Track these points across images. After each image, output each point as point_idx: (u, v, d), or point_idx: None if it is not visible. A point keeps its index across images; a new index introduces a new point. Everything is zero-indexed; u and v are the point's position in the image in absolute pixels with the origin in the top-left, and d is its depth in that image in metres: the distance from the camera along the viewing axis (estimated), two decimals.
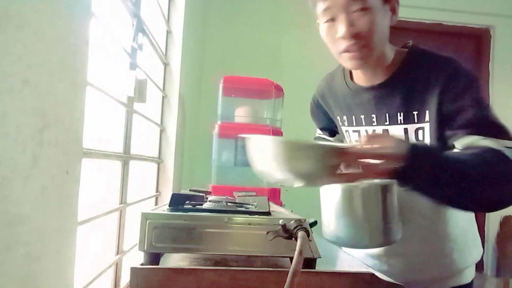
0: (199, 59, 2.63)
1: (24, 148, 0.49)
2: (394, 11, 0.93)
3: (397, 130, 0.96)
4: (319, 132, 1.32)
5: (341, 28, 0.86)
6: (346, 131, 1.08)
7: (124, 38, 1.15)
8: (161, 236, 0.70)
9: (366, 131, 1.02)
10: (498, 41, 3.09)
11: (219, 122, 2.01)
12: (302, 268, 0.62)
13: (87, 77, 0.69)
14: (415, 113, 0.93)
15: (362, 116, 1.02)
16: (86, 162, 0.77)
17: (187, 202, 0.90)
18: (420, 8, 2.99)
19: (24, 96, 0.49)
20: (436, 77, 0.89)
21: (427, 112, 0.91)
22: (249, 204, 0.91)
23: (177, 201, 0.84)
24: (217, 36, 2.88)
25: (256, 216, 0.76)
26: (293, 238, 0.70)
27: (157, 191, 1.64)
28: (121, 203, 1.14)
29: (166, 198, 1.49)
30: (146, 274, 0.69)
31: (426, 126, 0.92)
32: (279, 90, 2.13)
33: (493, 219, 3.00)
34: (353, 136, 1.07)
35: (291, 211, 0.99)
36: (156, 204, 1.61)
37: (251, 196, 0.98)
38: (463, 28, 3.10)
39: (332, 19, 0.88)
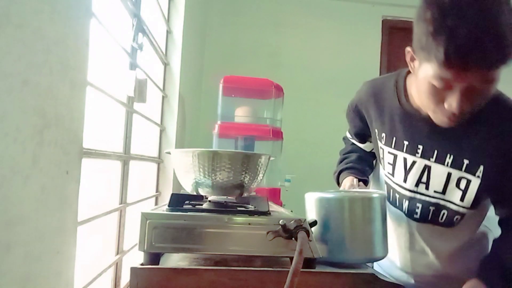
0: (199, 59, 2.63)
1: (24, 148, 0.49)
2: None
3: (440, 171, 0.92)
4: (349, 136, 1.22)
5: (454, 103, 0.76)
6: (381, 148, 1.02)
7: (124, 38, 1.15)
8: (161, 236, 0.70)
9: (405, 159, 0.96)
10: None
11: (219, 122, 2.01)
12: (302, 268, 0.62)
13: (87, 77, 0.69)
14: (466, 161, 0.89)
15: (406, 142, 0.95)
16: (87, 162, 0.77)
17: (187, 202, 0.90)
18: None
19: (24, 96, 0.49)
20: (509, 136, 0.85)
21: (481, 167, 0.88)
22: (249, 204, 0.91)
23: (177, 201, 0.84)
24: (217, 36, 2.88)
25: (256, 216, 0.76)
26: (293, 238, 0.70)
27: (157, 191, 1.64)
28: (121, 203, 1.14)
29: (166, 198, 1.49)
30: (146, 274, 0.69)
31: (475, 180, 0.89)
32: (279, 90, 2.13)
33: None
34: (388, 157, 1.00)
35: (291, 211, 0.99)
36: (156, 204, 1.61)
37: (250, 196, 0.98)
38: None
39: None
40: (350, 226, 0.81)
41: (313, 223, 0.78)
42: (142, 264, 0.71)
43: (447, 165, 0.91)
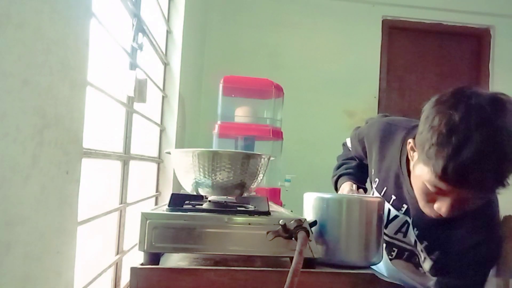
0: (199, 59, 2.63)
1: (24, 148, 0.49)
2: None
3: (412, 239, 0.95)
4: (349, 146, 1.23)
5: (444, 208, 0.77)
6: (373, 189, 1.04)
7: (124, 38, 1.15)
8: (161, 236, 0.70)
9: (389, 210, 0.98)
10: (498, 41, 3.09)
11: (219, 122, 2.01)
12: (302, 268, 0.62)
13: (87, 77, 0.69)
14: (425, 242, 0.91)
15: (394, 197, 0.97)
16: (87, 162, 0.77)
17: (187, 202, 0.90)
18: (420, 8, 3.00)
19: (24, 96, 0.49)
20: (471, 235, 0.85)
21: (437, 252, 0.90)
22: (249, 204, 0.91)
23: (177, 201, 0.84)
24: (217, 36, 2.88)
25: (256, 216, 0.76)
26: (293, 238, 0.70)
27: (157, 191, 1.64)
28: (121, 203, 1.14)
29: (166, 198, 1.49)
30: (146, 274, 0.69)
31: (428, 260, 0.92)
32: (279, 90, 2.13)
33: None
34: None
35: (291, 211, 0.99)
36: (156, 204, 1.61)
37: (250, 196, 0.98)
38: (463, 28, 3.10)
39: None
40: (346, 228, 0.81)
41: (313, 223, 0.78)
42: (142, 264, 0.71)
43: (420, 241, 0.93)
